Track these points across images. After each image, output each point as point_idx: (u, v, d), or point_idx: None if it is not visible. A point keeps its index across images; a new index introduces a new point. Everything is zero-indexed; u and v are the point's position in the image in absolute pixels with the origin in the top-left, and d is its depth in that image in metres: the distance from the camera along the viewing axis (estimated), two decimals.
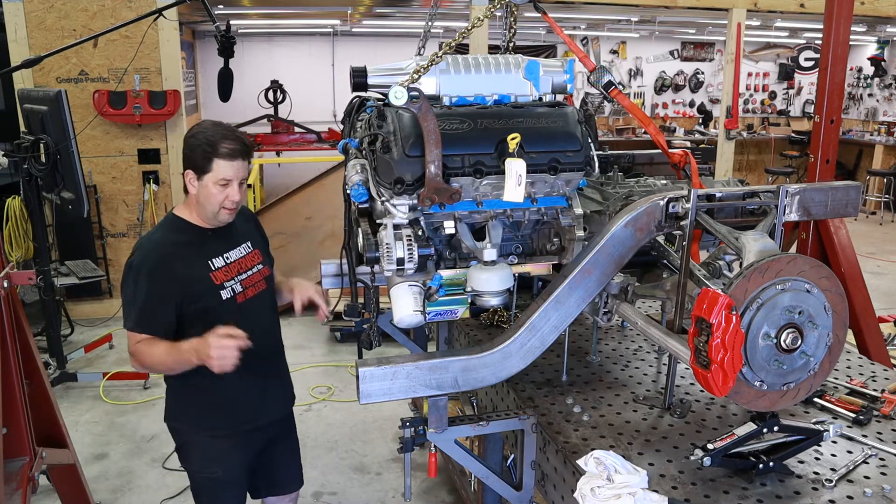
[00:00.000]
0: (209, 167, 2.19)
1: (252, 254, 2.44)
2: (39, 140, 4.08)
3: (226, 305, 2.30)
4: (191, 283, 2.25)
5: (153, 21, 5.07)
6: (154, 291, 2.20)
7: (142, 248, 2.27)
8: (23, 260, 5.25)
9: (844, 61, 3.44)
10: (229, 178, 2.21)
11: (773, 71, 12.52)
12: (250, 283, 2.39)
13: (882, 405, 2.12)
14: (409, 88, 1.80)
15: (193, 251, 2.29)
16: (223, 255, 2.35)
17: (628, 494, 1.61)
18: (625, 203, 2.10)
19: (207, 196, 2.23)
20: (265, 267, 2.48)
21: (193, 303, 2.25)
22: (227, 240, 2.38)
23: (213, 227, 2.34)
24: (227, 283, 2.32)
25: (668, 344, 1.83)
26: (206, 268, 2.29)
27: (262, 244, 2.56)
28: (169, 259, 2.23)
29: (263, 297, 2.45)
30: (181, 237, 2.30)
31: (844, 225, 3.43)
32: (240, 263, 2.39)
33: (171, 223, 2.34)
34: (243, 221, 2.48)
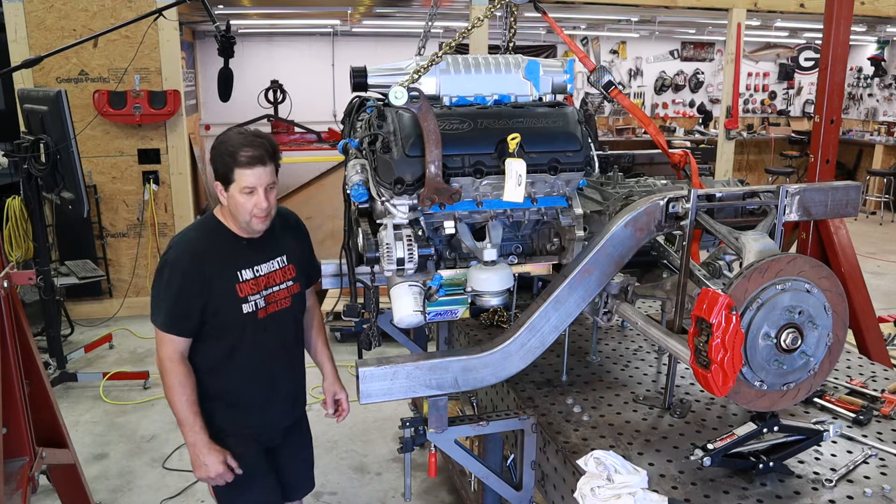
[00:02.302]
0: (232, 177, 2.15)
1: (285, 269, 2.38)
2: (39, 140, 4.08)
3: (246, 318, 2.27)
4: (216, 289, 2.22)
5: (153, 21, 5.07)
6: (186, 289, 2.19)
7: (177, 245, 2.25)
8: (23, 260, 5.24)
9: (844, 61, 3.44)
10: (252, 185, 2.15)
11: (773, 71, 12.51)
12: (275, 299, 2.34)
13: (882, 405, 2.12)
14: (409, 88, 1.80)
15: (225, 258, 2.25)
16: (253, 268, 2.29)
17: (628, 494, 1.61)
18: (625, 203, 2.10)
19: (236, 206, 2.19)
20: (295, 284, 2.41)
21: (214, 309, 2.22)
22: (260, 251, 2.32)
23: (249, 237, 2.29)
24: (252, 296, 2.27)
25: (668, 344, 1.83)
26: (234, 278, 2.25)
27: (302, 258, 2.48)
28: (200, 259, 2.21)
29: (287, 315, 2.39)
30: (216, 241, 2.27)
31: (844, 225, 3.43)
32: (269, 277, 2.33)
33: (209, 224, 2.31)
34: (285, 232, 2.42)
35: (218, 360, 2.29)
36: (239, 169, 2.14)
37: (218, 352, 2.28)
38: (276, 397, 2.42)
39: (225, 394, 2.32)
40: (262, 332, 2.30)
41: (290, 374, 2.47)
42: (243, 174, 2.14)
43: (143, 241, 6.12)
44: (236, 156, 2.14)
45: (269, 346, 2.34)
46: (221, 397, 2.32)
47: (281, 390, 2.42)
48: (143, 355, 5.46)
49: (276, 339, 2.35)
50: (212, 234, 2.27)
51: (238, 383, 2.33)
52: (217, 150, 2.19)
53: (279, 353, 2.38)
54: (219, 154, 2.18)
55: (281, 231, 2.38)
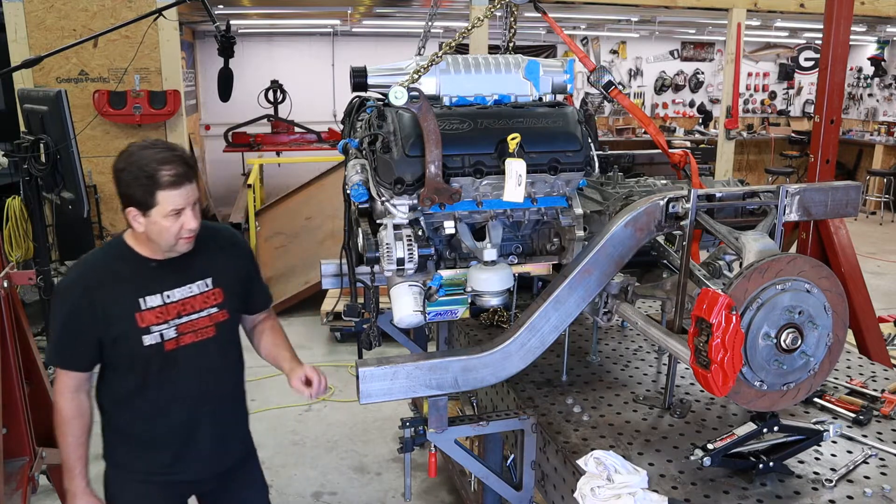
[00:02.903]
0: (153, 201, 1.88)
1: (207, 294, 2.08)
2: (39, 140, 4.07)
3: (149, 351, 2.00)
4: (109, 322, 1.96)
5: (153, 21, 5.06)
6: (74, 321, 1.97)
7: (72, 270, 2.05)
8: (23, 260, 5.24)
9: (844, 61, 3.44)
10: (181, 207, 1.91)
11: (773, 71, 12.52)
12: (191, 329, 2.05)
13: (882, 405, 2.12)
14: (409, 88, 1.80)
15: (126, 286, 1.99)
16: (163, 294, 2.02)
17: (628, 494, 1.61)
18: (625, 203, 2.10)
19: (160, 232, 1.93)
20: (222, 311, 2.11)
21: (111, 341, 1.98)
22: (175, 274, 2.04)
23: (164, 259, 2.02)
24: (157, 326, 1.99)
25: (668, 344, 1.83)
26: (133, 307, 1.98)
27: (236, 280, 2.17)
28: (94, 289, 1.97)
29: (209, 347, 2.09)
30: (118, 266, 2.02)
31: (844, 225, 3.43)
32: (184, 304, 2.04)
33: (114, 248, 2.06)
34: (213, 251, 2.12)
35: (125, 393, 2.05)
36: (163, 191, 1.88)
37: (124, 385, 2.04)
38: (198, 439, 2.11)
39: (134, 431, 2.08)
40: (171, 367, 2.03)
41: (216, 414, 2.14)
42: (169, 196, 1.89)
43: None
44: (156, 177, 1.87)
45: (182, 381, 2.06)
46: (131, 434, 2.09)
47: (204, 432, 2.11)
48: None
49: (192, 374, 2.06)
50: (112, 259, 2.03)
51: (149, 421, 2.06)
52: (129, 172, 1.89)
53: (197, 389, 2.08)
54: (131, 177, 1.88)
55: (207, 249, 2.09)
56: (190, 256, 2.04)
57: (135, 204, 1.91)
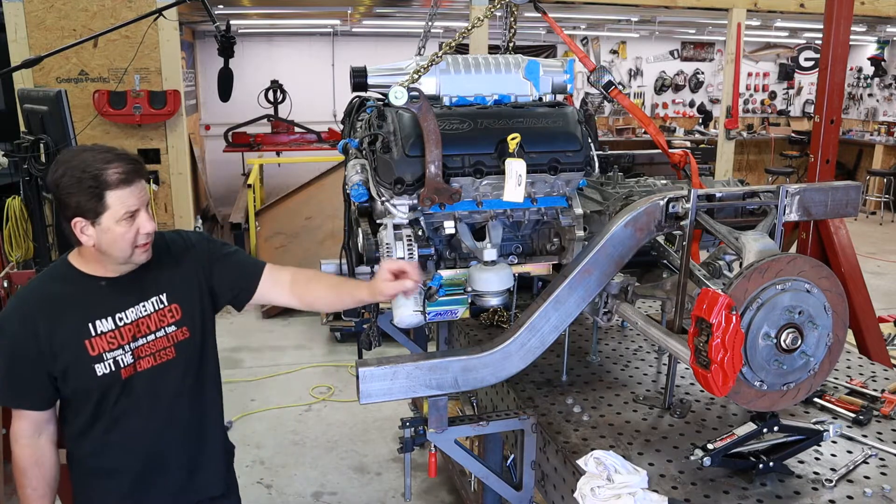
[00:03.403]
0: (103, 206, 1.70)
1: (162, 312, 1.88)
2: (39, 140, 4.07)
3: (103, 381, 1.81)
4: (55, 353, 1.77)
5: (153, 21, 5.06)
6: (17, 356, 1.77)
7: (13, 301, 1.86)
8: (23, 260, 5.24)
9: (844, 61, 3.44)
10: (136, 207, 1.74)
11: (773, 71, 12.52)
12: (149, 352, 1.85)
13: (882, 405, 2.12)
14: (409, 88, 1.80)
15: (72, 311, 1.80)
16: (115, 316, 1.82)
17: (628, 494, 1.61)
18: (625, 203, 2.10)
19: (113, 241, 1.74)
20: (181, 328, 1.90)
21: (61, 374, 1.79)
22: (129, 293, 1.85)
23: (115, 277, 1.83)
24: (110, 353, 1.80)
25: (668, 344, 1.83)
26: (82, 333, 1.79)
27: (196, 289, 1.94)
28: (35, 319, 1.77)
29: (170, 370, 1.88)
30: (62, 290, 1.82)
31: (844, 225, 3.43)
32: (138, 325, 1.84)
33: (56, 271, 1.87)
34: (170, 262, 1.92)
35: (83, 427, 1.87)
36: (113, 191, 1.70)
37: (81, 419, 1.86)
38: (165, 471, 1.94)
39: (97, 465, 1.92)
40: (129, 396, 1.84)
41: (184, 443, 1.95)
42: (120, 197, 1.71)
43: None
44: (102, 177, 1.69)
45: (143, 410, 1.87)
46: (94, 469, 1.93)
47: (171, 462, 1.94)
48: None
49: (153, 401, 1.87)
50: (55, 282, 1.84)
51: (110, 455, 1.89)
52: (68, 177, 1.69)
53: (161, 417, 1.90)
54: (74, 181, 1.68)
55: (159, 261, 1.89)
56: (142, 270, 1.85)
57: (81, 213, 1.70)
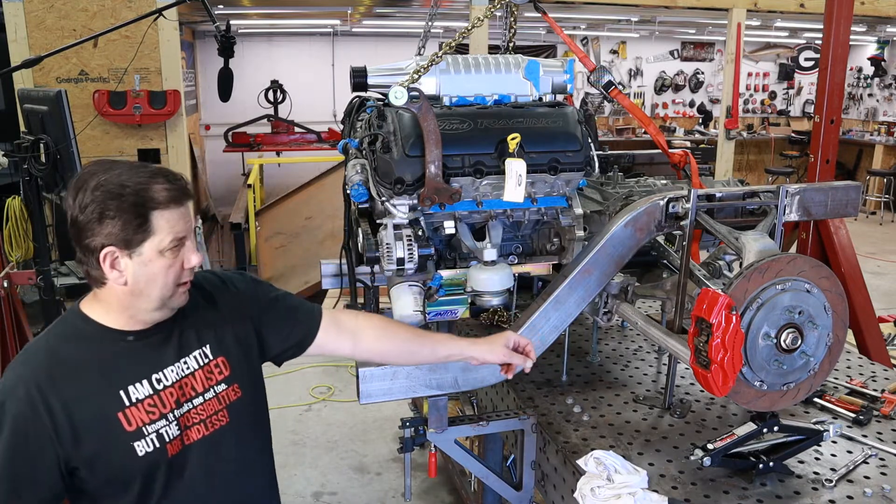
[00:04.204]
0: (147, 230, 1.35)
1: (210, 366, 1.51)
2: (39, 140, 4.07)
3: (146, 463, 1.41)
4: (78, 436, 1.35)
5: (153, 21, 5.06)
6: (18, 447, 1.33)
7: (13, 369, 1.40)
8: (23, 260, 5.24)
9: (844, 61, 3.44)
10: (182, 234, 1.39)
11: (773, 71, 12.52)
12: (199, 418, 1.48)
13: (882, 405, 2.12)
14: (409, 88, 1.80)
15: (96, 376, 1.40)
16: (151, 378, 1.43)
17: (628, 494, 1.61)
18: (625, 203, 2.10)
19: (152, 277, 1.38)
20: (232, 386, 1.54)
21: (86, 461, 1.37)
22: (164, 347, 1.47)
23: (145, 329, 1.45)
24: (151, 425, 1.41)
25: (668, 344, 1.83)
26: (113, 404, 1.39)
27: (242, 337, 1.58)
28: (48, 391, 1.35)
29: (222, 438, 1.51)
30: (80, 350, 1.41)
31: (844, 225, 3.43)
32: (182, 387, 1.46)
33: (70, 325, 1.45)
34: (206, 305, 1.55)
35: None
36: (161, 211, 1.36)
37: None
38: None
39: None
40: (179, 478, 1.46)
41: None
42: (170, 219, 1.37)
43: None
44: (148, 193, 1.35)
45: (200, 493, 1.49)
46: None
47: None
48: None
49: (208, 480, 1.50)
50: (70, 342, 1.43)
51: None
52: (103, 192, 1.34)
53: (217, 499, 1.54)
54: (110, 198, 1.33)
55: (195, 306, 1.52)
56: (177, 319, 1.49)
57: (115, 240, 1.34)
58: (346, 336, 1.71)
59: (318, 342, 1.68)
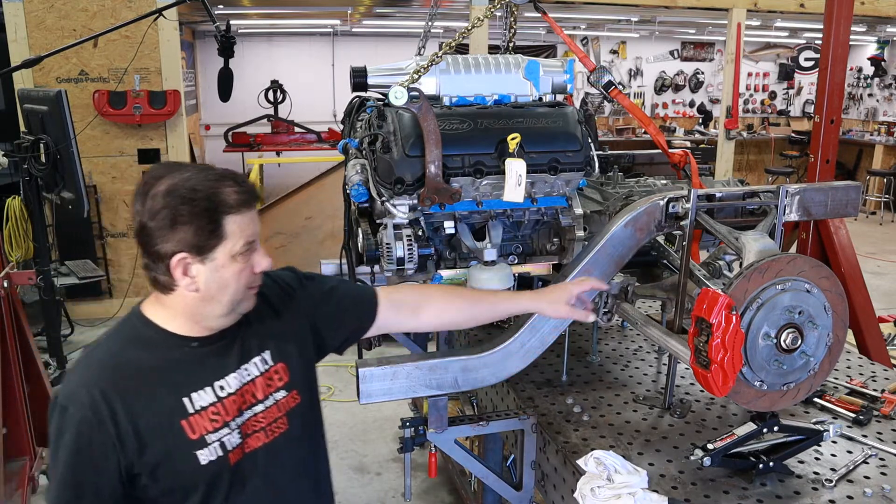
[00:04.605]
0: (219, 235, 1.33)
1: (270, 373, 1.49)
2: (39, 140, 4.08)
3: (209, 472, 1.39)
4: (144, 442, 1.34)
5: (153, 21, 5.07)
6: (81, 452, 1.32)
7: (73, 372, 1.40)
8: (23, 260, 5.24)
9: (844, 61, 3.44)
10: (253, 238, 1.39)
11: (773, 71, 12.52)
12: (259, 426, 1.47)
13: (882, 405, 2.12)
14: (409, 88, 1.80)
15: (161, 383, 1.38)
16: (214, 385, 1.42)
17: (628, 494, 1.61)
18: (625, 203, 2.10)
19: (225, 283, 1.36)
20: (291, 393, 1.52)
21: (148, 469, 1.35)
22: (227, 354, 1.45)
23: (208, 335, 1.43)
24: (214, 433, 1.40)
25: (668, 344, 1.83)
26: (176, 412, 1.37)
27: (302, 341, 1.57)
28: (112, 396, 1.33)
29: (282, 445, 1.50)
30: (145, 355, 1.40)
31: (844, 225, 3.43)
32: (243, 395, 1.44)
33: (134, 329, 1.44)
34: (266, 310, 1.53)
35: None
36: (233, 216, 1.34)
37: None
38: None
39: None
40: (240, 486, 1.44)
41: None
42: (241, 223, 1.35)
43: None
44: (220, 197, 1.33)
45: (258, 500, 1.49)
46: None
47: None
48: None
49: (268, 489, 1.49)
50: (135, 346, 1.41)
51: None
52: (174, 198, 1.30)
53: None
54: (182, 203, 1.30)
55: (256, 311, 1.49)
56: (239, 325, 1.46)
57: (188, 246, 1.32)
58: (406, 312, 1.71)
59: (377, 324, 1.68)
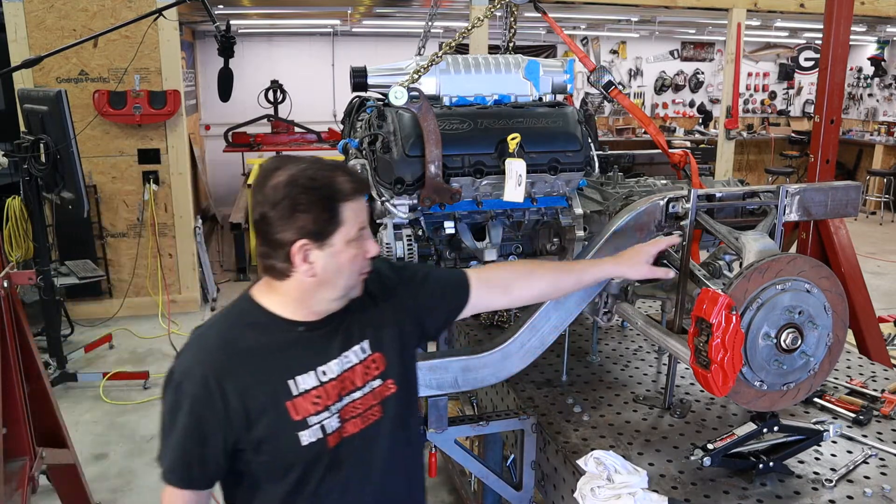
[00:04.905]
0: (336, 221, 1.39)
1: (368, 362, 1.53)
2: (39, 140, 4.08)
3: (308, 453, 1.45)
4: (251, 419, 1.42)
5: (153, 21, 5.06)
6: (196, 424, 1.42)
7: (187, 349, 1.47)
8: (23, 260, 5.24)
9: (844, 61, 3.44)
10: (364, 224, 1.45)
11: (773, 71, 12.51)
12: (356, 412, 1.50)
13: (882, 405, 2.12)
14: (409, 88, 1.80)
15: (269, 364, 1.45)
16: (317, 370, 1.47)
17: (628, 494, 1.61)
18: (625, 203, 2.10)
19: (340, 267, 1.42)
20: (386, 382, 1.54)
21: (252, 445, 1.43)
22: (329, 341, 1.50)
23: (314, 321, 1.48)
24: (316, 416, 1.45)
25: (668, 344, 1.83)
26: (283, 392, 1.43)
27: (399, 331, 1.59)
28: (224, 374, 1.41)
29: (376, 432, 1.53)
30: (254, 337, 1.46)
31: (844, 225, 3.43)
32: (343, 381, 1.49)
33: (244, 312, 1.50)
34: (366, 299, 1.55)
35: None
36: (347, 203, 1.40)
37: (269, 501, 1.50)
38: None
39: None
40: (337, 470, 1.49)
41: None
42: (355, 209, 1.41)
43: (144, 241, 6.12)
44: (336, 185, 1.39)
45: (354, 487, 1.52)
46: None
47: None
48: (143, 355, 5.46)
49: (364, 474, 1.53)
50: (246, 328, 1.48)
51: None
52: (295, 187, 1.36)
53: (371, 496, 1.55)
54: (303, 192, 1.36)
55: (357, 300, 1.53)
56: (342, 313, 1.51)
57: (309, 233, 1.37)
58: (498, 291, 1.74)
59: (471, 304, 1.70)
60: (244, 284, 7.09)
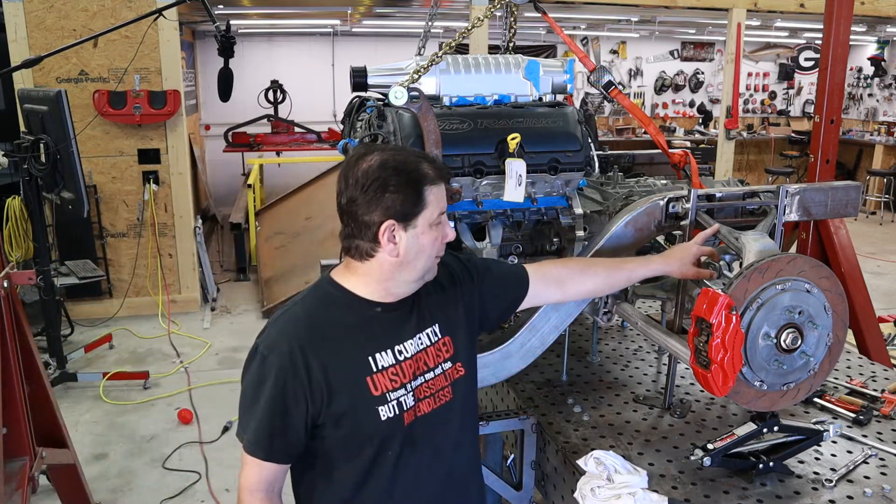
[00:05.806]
0: (421, 204, 1.46)
1: (439, 345, 1.59)
2: (39, 140, 4.08)
3: (386, 428, 1.50)
4: (333, 393, 1.46)
5: (153, 21, 5.06)
6: (281, 397, 1.45)
7: (273, 324, 1.52)
8: (23, 260, 5.24)
9: (844, 61, 3.44)
10: (444, 209, 1.52)
11: (773, 71, 12.52)
12: (429, 392, 1.56)
13: (882, 405, 2.12)
14: (409, 88, 1.81)
15: (351, 341, 1.50)
16: (394, 349, 1.53)
17: (628, 494, 1.61)
18: (625, 203, 2.10)
19: (422, 248, 1.48)
20: (455, 365, 1.61)
21: (332, 419, 1.48)
22: (405, 322, 1.56)
23: (391, 302, 1.54)
24: (393, 392, 1.50)
25: (668, 344, 1.83)
26: (365, 368, 1.49)
27: (466, 318, 1.66)
28: (308, 349, 1.46)
29: (447, 413, 1.59)
30: (337, 315, 1.52)
31: (844, 225, 3.43)
32: (417, 361, 1.55)
33: (327, 292, 1.56)
34: (435, 286, 1.62)
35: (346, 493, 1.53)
36: (431, 187, 1.47)
37: (344, 481, 1.53)
38: None
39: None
40: (411, 447, 1.53)
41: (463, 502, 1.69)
42: (437, 194, 1.48)
43: (143, 241, 6.12)
44: (421, 170, 1.46)
45: (426, 463, 1.57)
46: None
47: None
48: (143, 355, 5.46)
49: (433, 454, 1.57)
50: (329, 307, 1.53)
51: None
52: (384, 169, 1.43)
53: (441, 474, 1.60)
54: (393, 174, 1.43)
55: (427, 287, 1.60)
56: (415, 297, 1.58)
57: (396, 214, 1.44)
58: (553, 286, 1.79)
59: (530, 296, 1.77)
60: (244, 284, 7.13)
